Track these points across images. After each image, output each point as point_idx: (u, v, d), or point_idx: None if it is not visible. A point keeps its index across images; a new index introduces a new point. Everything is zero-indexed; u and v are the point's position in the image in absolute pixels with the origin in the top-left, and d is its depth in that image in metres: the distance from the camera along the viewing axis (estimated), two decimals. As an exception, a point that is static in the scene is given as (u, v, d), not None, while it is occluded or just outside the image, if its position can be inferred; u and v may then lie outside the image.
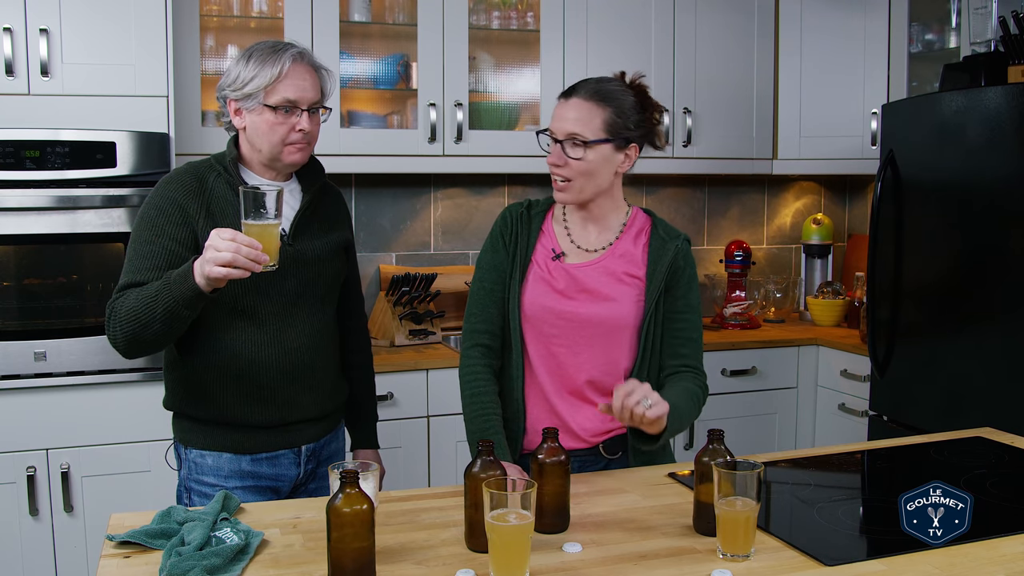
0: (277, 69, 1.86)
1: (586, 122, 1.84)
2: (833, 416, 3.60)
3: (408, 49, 3.43)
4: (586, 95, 1.86)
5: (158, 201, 1.89)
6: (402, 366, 3.09)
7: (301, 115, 1.89)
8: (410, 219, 3.70)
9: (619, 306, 1.91)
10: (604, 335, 1.91)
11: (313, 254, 1.99)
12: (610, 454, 1.96)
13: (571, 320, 1.90)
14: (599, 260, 1.94)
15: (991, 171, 2.82)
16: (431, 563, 1.44)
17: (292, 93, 1.87)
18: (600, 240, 1.96)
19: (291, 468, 2.01)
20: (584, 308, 1.90)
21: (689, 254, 1.96)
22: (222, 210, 1.90)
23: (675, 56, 3.65)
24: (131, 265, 1.86)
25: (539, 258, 1.95)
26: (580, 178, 1.86)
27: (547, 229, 1.98)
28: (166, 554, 1.41)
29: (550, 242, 1.97)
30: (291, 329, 1.96)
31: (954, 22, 3.46)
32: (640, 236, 1.97)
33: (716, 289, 3.99)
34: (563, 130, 1.85)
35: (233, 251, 1.63)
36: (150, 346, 1.82)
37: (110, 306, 1.83)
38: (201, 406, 1.95)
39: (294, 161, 1.93)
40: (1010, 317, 2.76)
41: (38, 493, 2.71)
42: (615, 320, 1.91)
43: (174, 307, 1.72)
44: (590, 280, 1.92)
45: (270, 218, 1.70)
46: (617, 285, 1.92)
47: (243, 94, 1.88)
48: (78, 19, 2.72)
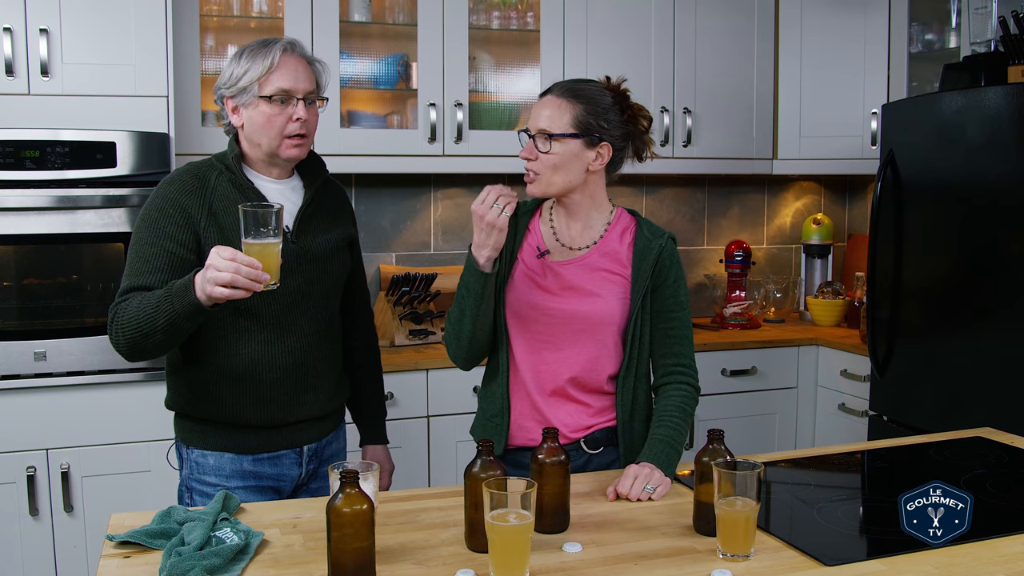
0: (269, 60, 1.87)
1: (555, 118, 1.88)
2: (833, 416, 3.60)
3: (408, 49, 3.43)
4: (559, 92, 1.91)
5: (159, 202, 1.89)
6: (402, 366, 3.09)
7: (297, 104, 1.89)
8: (410, 219, 3.70)
9: (604, 302, 1.92)
10: (589, 332, 1.92)
11: (316, 251, 1.98)
12: (591, 449, 1.96)
13: (556, 316, 1.92)
14: (584, 258, 1.96)
15: (991, 171, 2.82)
16: (431, 563, 1.44)
17: (286, 82, 1.88)
18: (584, 238, 1.98)
19: (293, 468, 2.01)
20: (569, 304, 1.92)
21: (675, 252, 1.97)
22: (225, 208, 1.90)
23: (675, 56, 3.65)
24: (133, 268, 1.86)
25: (525, 256, 1.98)
26: (547, 171, 1.89)
27: (533, 228, 2.01)
28: (166, 554, 1.41)
29: (536, 240, 1.99)
30: (294, 327, 1.96)
31: (954, 22, 3.47)
32: (625, 235, 1.99)
33: (716, 289, 3.99)
34: (535, 125, 1.90)
35: (233, 271, 1.62)
36: (152, 352, 1.82)
37: (113, 309, 1.83)
38: (203, 406, 1.95)
39: (292, 156, 1.93)
40: (1010, 317, 2.76)
41: (38, 493, 2.71)
42: (600, 316, 1.92)
43: (175, 319, 1.72)
44: (575, 277, 1.94)
45: (270, 237, 1.69)
46: (602, 282, 1.94)
47: (238, 89, 1.89)
48: (78, 19, 2.72)
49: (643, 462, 1.80)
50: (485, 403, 2.02)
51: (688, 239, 4.13)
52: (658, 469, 1.78)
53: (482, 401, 2.04)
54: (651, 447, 1.84)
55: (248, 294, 1.66)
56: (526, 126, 1.93)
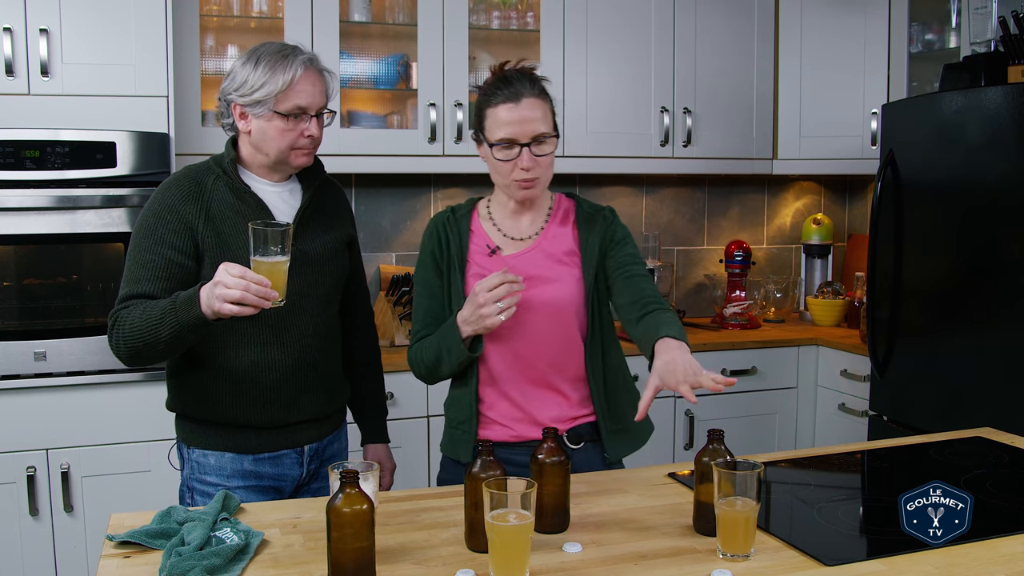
0: (289, 76, 1.85)
1: (544, 119, 1.86)
2: (833, 416, 3.60)
3: (408, 49, 3.43)
4: (536, 93, 1.86)
5: (156, 208, 1.88)
6: (402, 366, 3.07)
7: (310, 121, 1.89)
8: (410, 219, 3.70)
9: (563, 286, 1.93)
10: (555, 316, 1.92)
11: (315, 252, 1.98)
12: (574, 444, 1.96)
13: (522, 308, 1.87)
14: (534, 246, 1.96)
15: (991, 171, 2.82)
16: (431, 563, 1.44)
17: (303, 100, 1.87)
18: (531, 228, 1.98)
19: (294, 468, 2.01)
20: (530, 294, 1.90)
21: (616, 220, 1.99)
22: (222, 213, 1.89)
23: (675, 56, 3.65)
24: (131, 275, 1.85)
25: (475, 258, 1.97)
26: (547, 172, 1.90)
27: (476, 228, 2.00)
28: (166, 554, 1.41)
29: (482, 239, 1.98)
30: (293, 329, 1.96)
31: (954, 22, 3.46)
32: (567, 216, 2.00)
33: (716, 289, 3.99)
34: (530, 132, 1.84)
35: (243, 289, 1.63)
36: (153, 360, 1.83)
37: (113, 316, 1.83)
38: (203, 407, 1.95)
39: (301, 164, 1.94)
40: (1010, 317, 2.76)
41: (38, 493, 2.71)
42: (562, 300, 1.92)
43: (180, 331, 1.73)
44: (530, 267, 1.93)
45: (279, 255, 1.69)
46: (556, 266, 1.94)
47: (252, 100, 1.86)
48: (78, 19, 2.73)
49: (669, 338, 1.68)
50: (452, 411, 2.02)
51: (688, 239, 4.13)
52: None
53: (448, 410, 2.03)
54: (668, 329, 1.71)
55: (256, 311, 1.66)
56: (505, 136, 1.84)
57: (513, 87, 1.85)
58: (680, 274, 4.11)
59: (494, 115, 1.85)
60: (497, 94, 1.86)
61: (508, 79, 1.87)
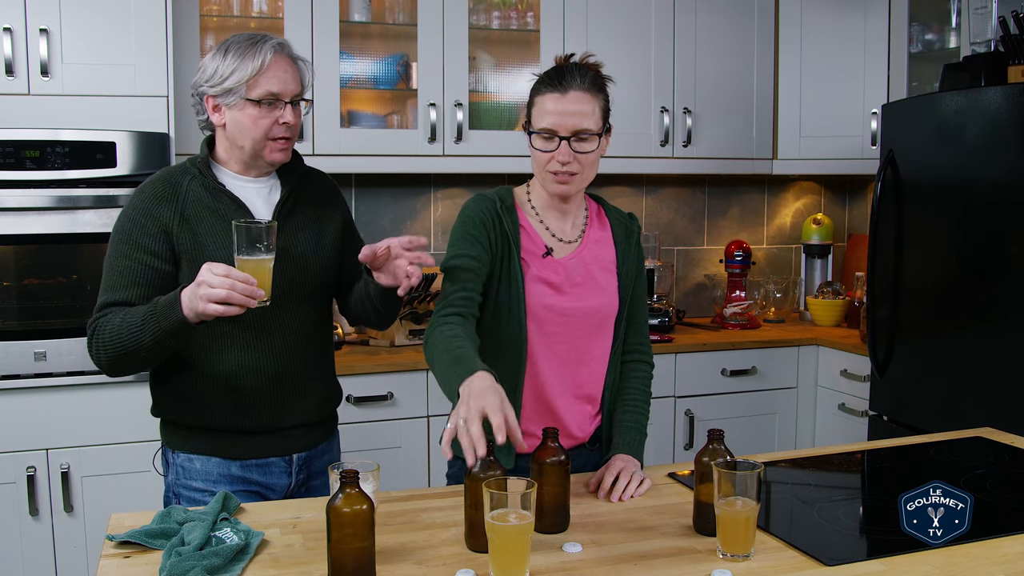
0: (258, 62, 1.81)
1: (590, 114, 1.79)
2: (833, 416, 3.60)
3: (408, 49, 3.43)
4: (586, 85, 1.80)
5: (131, 212, 1.84)
6: (402, 366, 3.09)
7: (284, 108, 1.84)
8: (410, 219, 3.70)
9: (609, 295, 1.92)
10: (597, 326, 1.91)
11: (297, 249, 1.92)
12: (591, 447, 1.99)
13: (572, 316, 1.87)
14: (579, 251, 1.92)
15: (991, 171, 2.82)
16: (431, 563, 1.44)
17: (275, 86, 1.82)
18: (574, 231, 1.94)
19: (282, 477, 1.96)
20: (581, 302, 1.88)
21: (639, 239, 2.01)
22: (197, 213, 1.84)
23: (675, 56, 3.65)
24: (109, 282, 1.82)
25: (528, 257, 1.88)
26: (587, 170, 1.83)
27: (525, 224, 1.91)
28: (166, 554, 1.41)
29: (533, 238, 1.90)
30: (277, 330, 1.90)
31: (954, 22, 3.47)
32: (601, 220, 1.98)
33: (716, 289, 3.99)
34: (571, 126, 1.78)
35: (228, 287, 1.59)
36: (135, 368, 1.79)
37: (91, 325, 1.79)
38: (188, 412, 1.90)
39: (277, 160, 1.88)
40: (1010, 317, 2.76)
41: (38, 493, 2.71)
42: (608, 309, 1.92)
43: (161, 336, 1.69)
44: (579, 273, 1.90)
45: (263, 253, 1.67)
46: (602, 274, 1.92)
47: (223, 89, 1.82)
48: (78, 19, 2.73)
49: (621, 455, 1.84)
50: None
51: (688, 239, 4.13)
52: (637, 461, 1.82)
53: None
54: (625, 436, 1.88)
55: (242, 311, 1.63)
56: (547, 126, 1.79)
57: (564, 78, 1.80)
58: (680, 274, 4.11)
59: (540, 103, 1.82)
60: (547, 83, 1.82)
61: (562, 70, 1.82)
